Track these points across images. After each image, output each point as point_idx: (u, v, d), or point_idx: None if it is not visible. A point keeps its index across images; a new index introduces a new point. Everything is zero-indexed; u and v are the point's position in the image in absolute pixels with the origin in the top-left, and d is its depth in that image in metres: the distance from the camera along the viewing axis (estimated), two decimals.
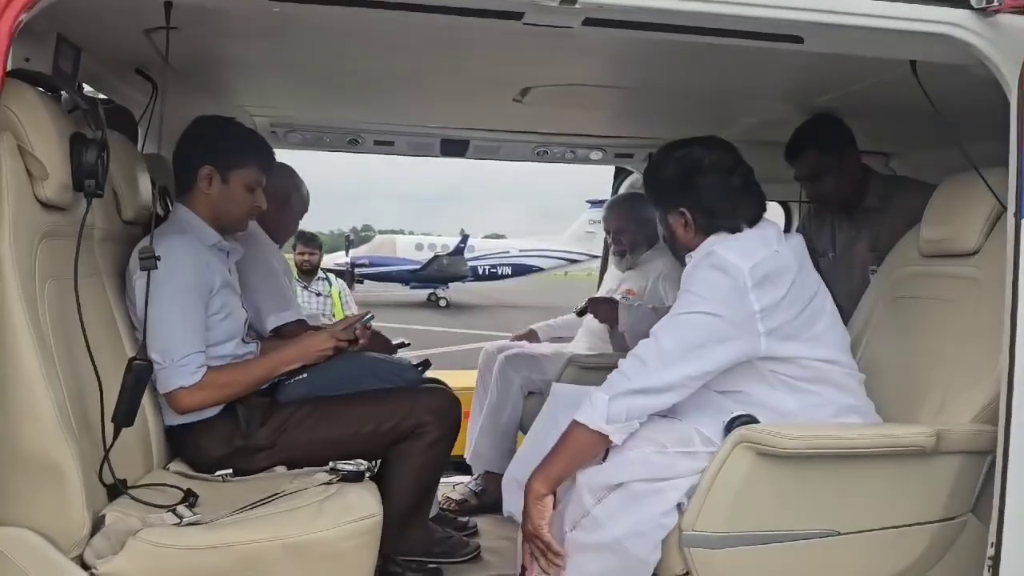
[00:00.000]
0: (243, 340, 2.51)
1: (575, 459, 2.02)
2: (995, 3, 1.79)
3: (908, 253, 2.54)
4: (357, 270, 24.65)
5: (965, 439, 1.96)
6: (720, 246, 2.08)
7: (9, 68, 1.61)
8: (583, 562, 2.00)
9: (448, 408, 2.59)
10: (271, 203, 2.66)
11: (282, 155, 3.79)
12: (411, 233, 40.79)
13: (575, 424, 1.99)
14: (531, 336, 4.13)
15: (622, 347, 3.53)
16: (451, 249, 27.58)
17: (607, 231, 4.11)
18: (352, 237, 30.63)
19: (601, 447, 2.00)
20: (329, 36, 2.31)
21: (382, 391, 2.58)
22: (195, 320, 2.26)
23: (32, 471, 1.66)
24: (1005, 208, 1.94)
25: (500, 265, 30.22)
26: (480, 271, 29.41)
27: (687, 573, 1.96)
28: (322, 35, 2.30)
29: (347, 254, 23.67)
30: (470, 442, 3.72)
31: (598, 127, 3.80)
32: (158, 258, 1.96)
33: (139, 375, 1.85)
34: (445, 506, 3.49)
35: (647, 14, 1.79)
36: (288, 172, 3.26)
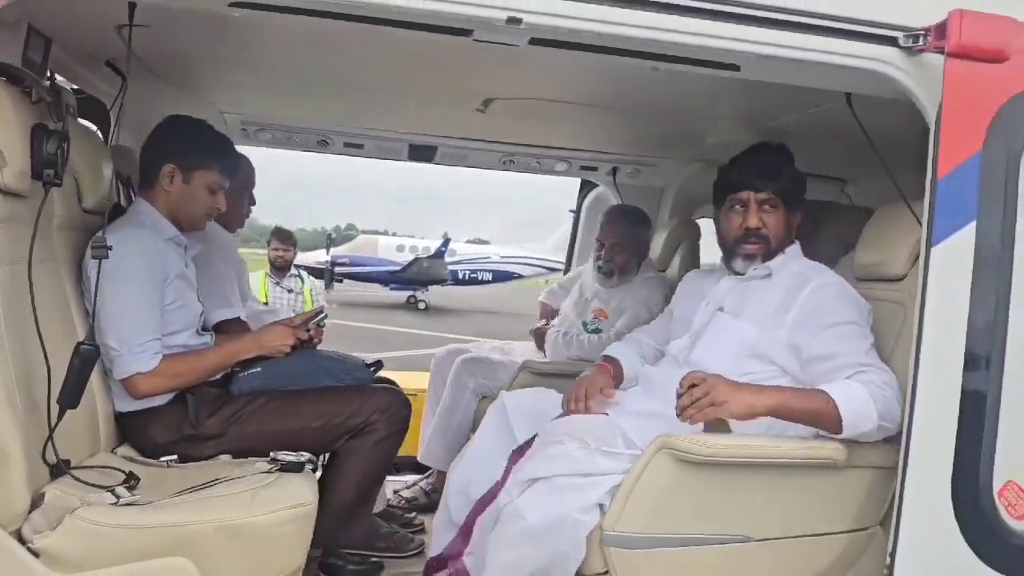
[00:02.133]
0: (197, 332, 2.57)
1: (809, 418, 2.06)
2: (920, 43, 1.90)
3: (845, 276, 2.65)
4: (337, 269, 24.62)
5: (875, 454, 2.07)
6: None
7: None
8: (503, 554, 2.07)
9: (397, 407, 2.66)
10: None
11: (265, 152, 3.90)
12: (395, 234, 40.65)
13: (833, 400, 2.02)
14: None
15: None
16: (432, 252, 27.59)
17: (600, 241, 3.84)
18: (334, 235, 30.58)
19: (828, 426, 2.05)
20: (298, 40, 2.39)
21: (334, 388, 2.65)
22: (152, 308, 2.32)
23: None
24: None
25: (480, 270, 30.23)
26: (460, 275, 29.40)
27: (606, 572, 2.05)
28: (292, 38, 2.38)
29: (328, 252, 23.63)
30: (423, 442, 3.80)
31: (563, 139, 3.90)
32: (110, 248, 2.03)
33: (86, 359, 1.91)
34: (395, 503, 3.57)
35: (591, 37, 1.89)
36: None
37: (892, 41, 1.92)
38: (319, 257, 24.37)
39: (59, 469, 1.93)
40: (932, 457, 1.84)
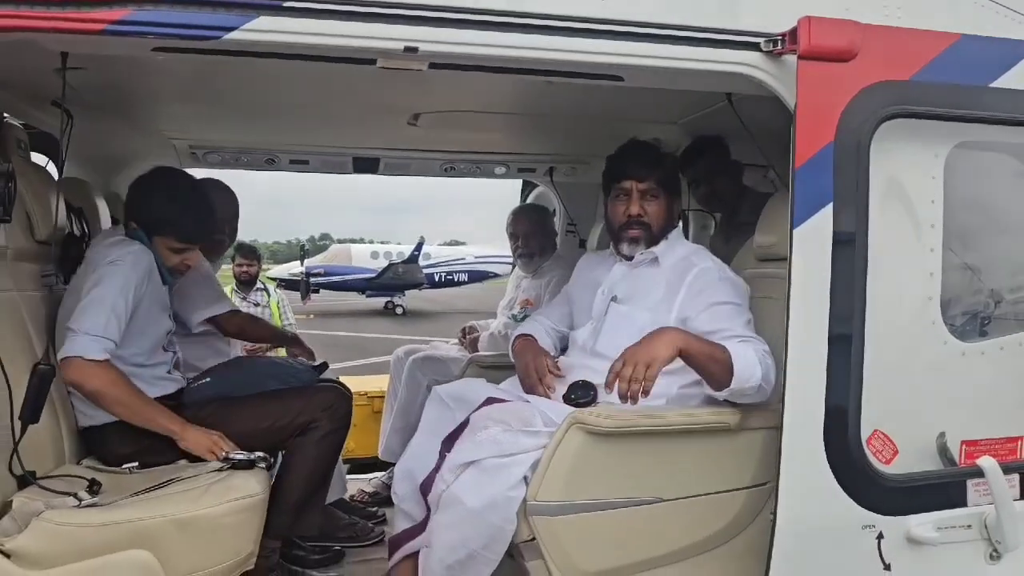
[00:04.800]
0: (163, 348, 2.75)
1: (706, 362, 2.26)
2: (778, 47, 2.13)
3: (747, 257, 2.89)
4: (313, 279, 24.70)
5: (765, 416, 2.29)
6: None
7: None
8: (446, 536, 2.26)
9: (338, 404, 2.86)
10: None
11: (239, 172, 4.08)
12: (371, 242, 40.67)
13: (729, 353, 2.24)
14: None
15: None
16: (406, 257, 27.72)
17: (514, 236, 4.37)
18: (307, 247, 30.62)
19: (715, 379, 2.26)
20: (231, 72, 2.57)
21: (279, 391, 2.84)
22: (120, 317, 2.46)
23: None
24: None
25: (456, 272, 30.42)
26: (436, 278, 29.58)
27: (533, 538, 2.26)
28: (224, 71, 2.56)
29: (302, 264, 23.72)
30: (383, 438, 4.00)
31: (498, 145, 4.11)
32: (56, 275, 2.22)
33: (43, 377, 2.10)
34: (359, 498, 3.77)
35: (484, 59, 2.09)
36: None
37: (755, 46, 2.14)
38: (294, 269, 24.44)
39: (25, 480, 2.12)
40: (805, 415, 2.08)
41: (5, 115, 2.78)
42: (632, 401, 2.18)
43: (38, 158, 3.17)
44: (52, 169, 2.92)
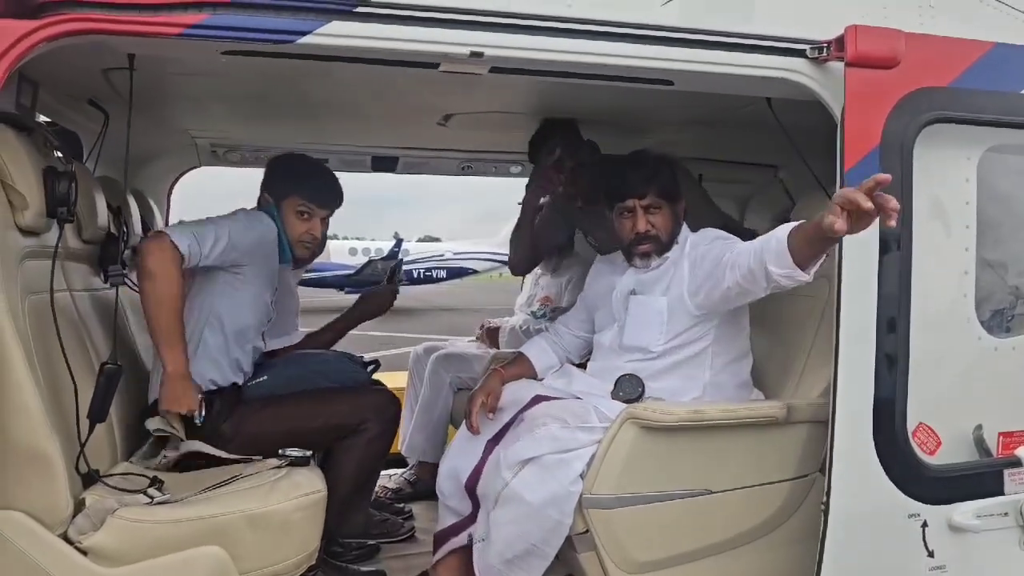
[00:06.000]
0: (255, 332, 2.79)
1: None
2: (823, 54, 2.22)
3: None
4: None
5: (810, 411, 2.39)
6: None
7: None
8: (506, 531, 2.33)
9: (387, 407, 2.89)
10: None
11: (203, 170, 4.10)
12: (345, 238, 40.44)
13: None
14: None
15: None
16: (385, 253, 27.60)
17: None
18: None
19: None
20: (267, 72, 2.60)
21: (331, 390, 2.87)
22: (219, 244, 2.53)
23: (23, 461, 1.91)
24: None
25: (435, 268, 30.34)
26: (415, 275, 29.48)
27: (587, 531, 2.33)
28: (261, 72, 2.59)
29: None
30: (404, 436, 4.04)
31: (518, 144, 4.16)
32: (126, 275, 2.24)
33: (110, 376, 2.12)
34: (382, 495, 3.81)
35: (544, 64, 2.16)
36: None
37: (801, 53, 2.23)
38: None
39: (90, 478, 2.14)
40: (855, 409, 2.17)
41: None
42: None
43: None
44: None
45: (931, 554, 2.24)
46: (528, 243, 3.66)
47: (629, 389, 2.48)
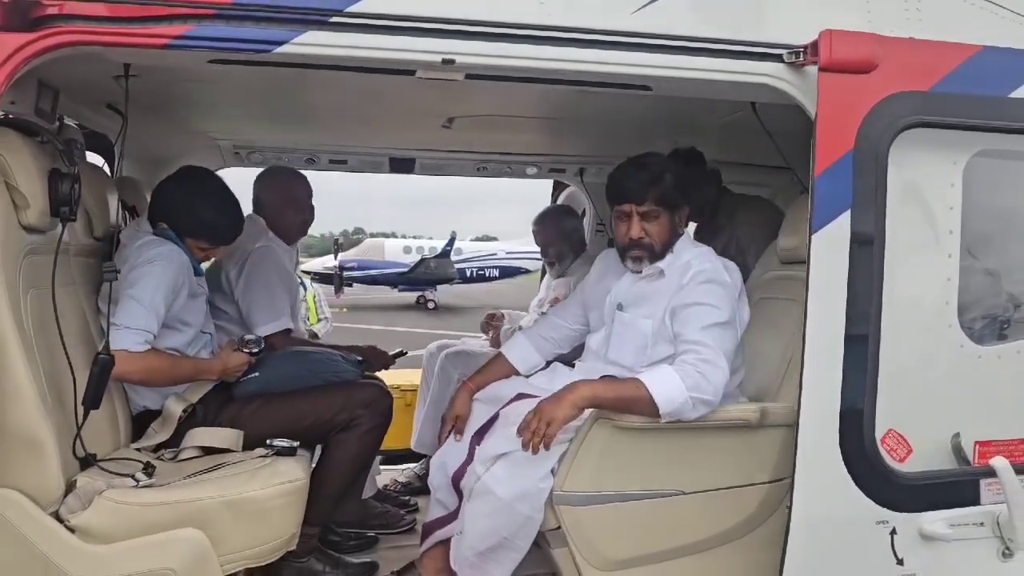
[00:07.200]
0: (200, 332, 2.88)
1: (623, 406, 2.33)
2: (800, 59, 2.22)
3: (771, 259, 2.97)
4: (346, 274, 25.03)
5: (784, 414, 2.38)
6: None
7: None
8: (478, 524, 2.39)
9: (379, 401, 2.99)
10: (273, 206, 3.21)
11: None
12: (403, 236, 40.96)
13: (645, 385, 2.30)
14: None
15: None
16: (438, 252, 27.93)
17: (537, 244, 4.52)
18: (341, 240, 30.98)
19: (645, 414, 2.31)
20: (277, 80, 2.71)
21: (322, 387, 2.97)
22: (158, 309, 2.58)
23: (17, 444, 2.06)
24: None
25: (487, 267, 30.61)
26: (468, 273, 29.78)
27: (559, 527, 2.38)
28: (271, 79, 2.70)
29: (335, 257, 24.04)
30: (415, 430, 4.14)
31: (529, 147, 4.23)
32: (117, 271, 2.38)
33: (103, 366, 2.25)
34: (392, 488, 3.92)
35: (518, 70, 2.21)
36: (285, 175, 3.71)
37: (778, 58, 2.23)
38: (328, 262, 24.76)
39: (87, 461, 2.28)
40: (821, 413, 2.16)
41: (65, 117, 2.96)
42: (533, 451, 2.30)
43: (92, 157, 3.37)
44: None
45: (900, 562, 2.22)
46: None
47: None
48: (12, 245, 2.15)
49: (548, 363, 2.94)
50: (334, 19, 2.05)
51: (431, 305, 27.12)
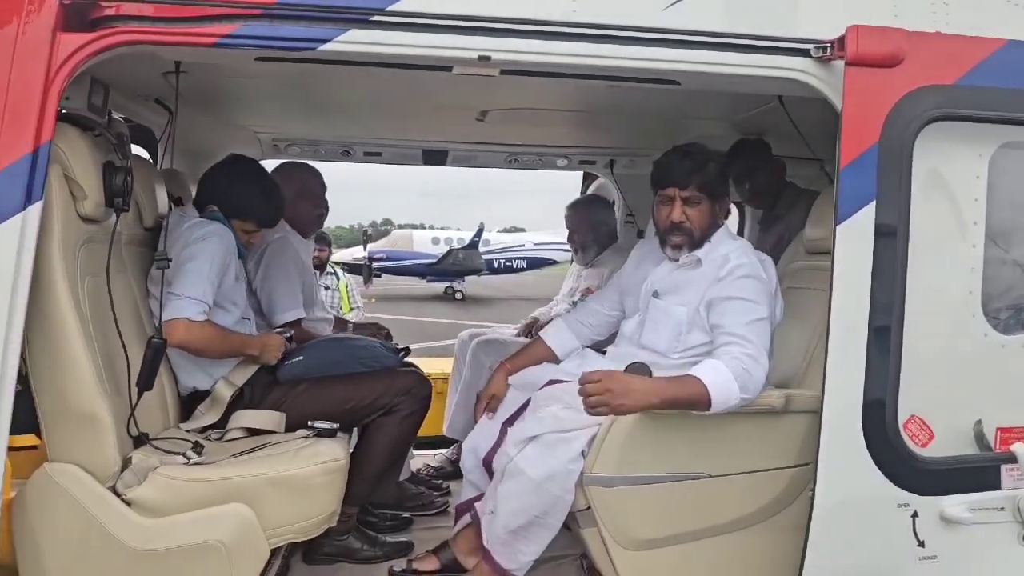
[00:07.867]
0: (243, 317, 3.01)
1: (686, 407, 2.39)
2: (827, 53, 2.27)
3: (798, 250, 3.03)
4: (375, 264, 25.27)
5: (808, 401, 2.43)
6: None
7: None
8: (510, 503, 2.48)
9: (418, 388, 3.08)
10: (288, 200, 3.29)
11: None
12: (431, 227, 41.14)
13: (703, 384, 2.36)
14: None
15: None
16: (467, 243, 28.06)
17: (567, 228, 4.62)
18: (370, 232, 31.25)
19: (702, 407, 2.37)
20: (319, 75, 2.81)
21: (364, 373, 3.07)
22: (213, 282, 2.72)
23: (78, 422, 2.20)
24: None
25: (515, 259, 30.69)
26: (496, 264, 29.90)
27: (588, 507, 2.46)
28: (313, 75, 2.80)
29: (365, 248, 24.27)
30: (447, 416, 4.25)
31: (560, 139, 4.30)
32: (169, 260, 2.50)
33: (156, 349, 2.39)
34: (425, 472, 4.03)
35: (551, 66, 2.29)
36: (299, 169, 3.82)
37: (805, 53, 2.28)
38: (357, 253, 25.00)
39: (140, 440, 2.41)
40: (844, 399, 2.22)
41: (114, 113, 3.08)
42: (591, 411, 2.40)
43: (136, 150, 3.50)
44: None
45: (921, 544, 2.28)
46: None
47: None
48: (71, 235, 2.27)
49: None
50: (375, 18, 2.14)
51: (459, 296, 27.28)
